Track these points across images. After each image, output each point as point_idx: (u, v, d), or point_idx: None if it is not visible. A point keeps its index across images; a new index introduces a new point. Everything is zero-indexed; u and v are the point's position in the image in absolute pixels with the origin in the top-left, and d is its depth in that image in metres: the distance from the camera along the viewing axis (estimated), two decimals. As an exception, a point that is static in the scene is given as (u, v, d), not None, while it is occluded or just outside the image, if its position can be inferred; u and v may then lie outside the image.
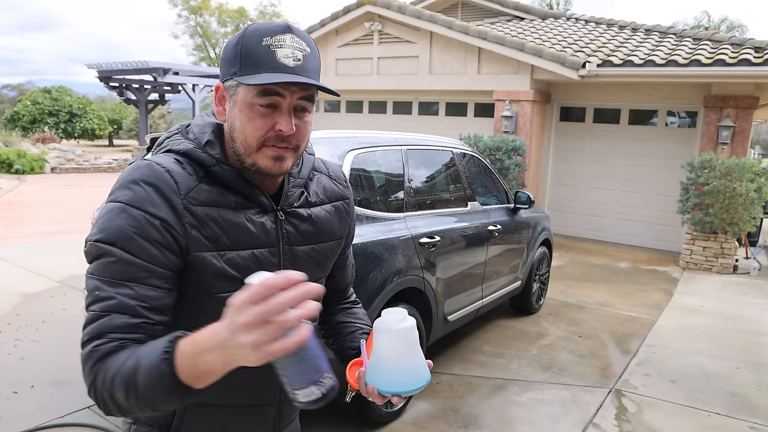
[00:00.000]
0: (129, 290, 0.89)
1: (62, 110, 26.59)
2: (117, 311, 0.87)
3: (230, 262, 0.99)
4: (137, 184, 0.93)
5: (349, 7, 9.89)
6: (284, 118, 0.95)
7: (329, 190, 1.18)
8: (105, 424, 3.04)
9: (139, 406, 0.82)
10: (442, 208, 3.84)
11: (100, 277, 0.90)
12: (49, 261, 6.31)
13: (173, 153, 1.01)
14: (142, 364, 0.80)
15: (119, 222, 0.90)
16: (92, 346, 0.86)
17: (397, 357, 0.98)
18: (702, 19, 21.69)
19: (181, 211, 0.94)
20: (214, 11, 38.55)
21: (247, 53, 0.94)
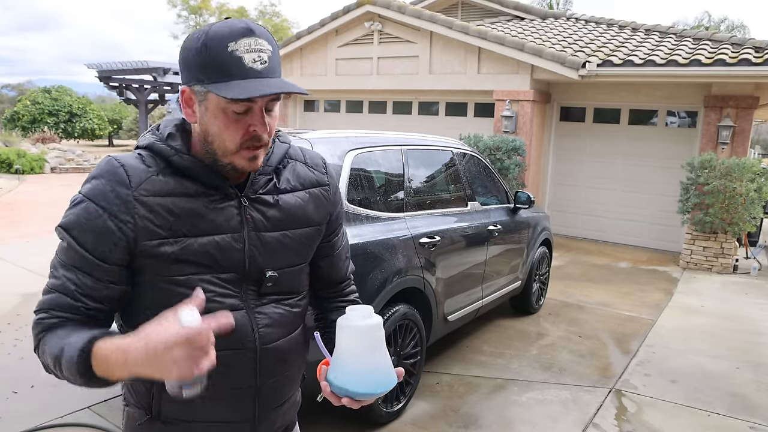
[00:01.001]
0: (73, 276, 1.01)
1: (62, 110, 26.59)
2: (61, 292, 1.00)
3: (187, 249, 1.02)
4: (95, 178, 1.02)
5: (349, 7, 9.89)
6: (259, 120, 1.00)
7: (303, 176, 1.19)
8: (105, 424, 3.04)
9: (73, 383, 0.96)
10: (442, 208, 3.84)
11: (58, 258, 1.03)
12: (49, 261, 6.30)
13: (138, 148, 1.08)
14: (65, 353, 0.93)
15: (77, 213, 1.01)
16: (38, 317, 1.01)
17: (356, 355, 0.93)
18: (702, 19, 21.69)
19: (131, 201, 0.99)
20: (214, 11, 38.56)
21: (213, 61, 0.95)
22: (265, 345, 1.12)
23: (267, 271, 1.10)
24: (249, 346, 1.10)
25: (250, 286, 1.10)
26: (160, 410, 1.11)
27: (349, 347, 0.94)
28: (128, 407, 1.16)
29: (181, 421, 1.12)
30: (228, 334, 0.89)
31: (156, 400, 1.10)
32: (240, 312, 1.08)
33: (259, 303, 1.11)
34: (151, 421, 1.11)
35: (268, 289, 1.12)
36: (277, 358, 1.14)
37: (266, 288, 1.12)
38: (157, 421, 1.11)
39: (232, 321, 0.88)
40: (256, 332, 1.10)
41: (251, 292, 1.10)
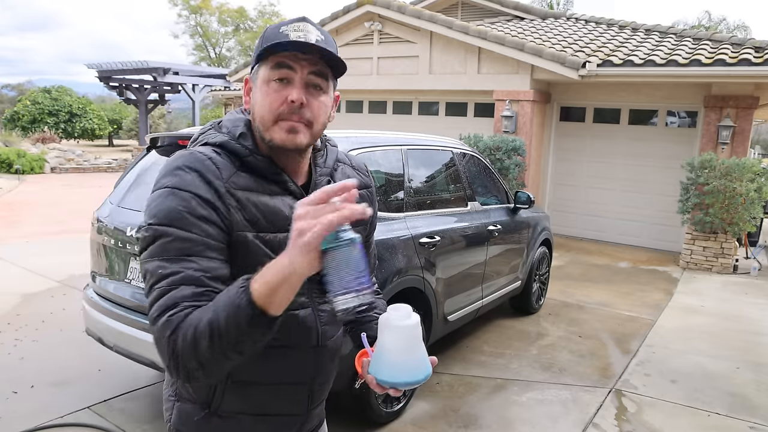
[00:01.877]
0: (191, 263, 0.95)
1: (62, 110, 26.60)
2: (184, 283, 0.93)
3: (269, 243, 1.04)
4: (182, 170, 1.00)
5: (349, 7, 9.88)
6: (295, 89, 1.02)
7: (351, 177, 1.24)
8: (105, 424, 3.04)
9: (224, 351, 0.88)
10: (442, 208, 3.84)
11: (161, 256, 0.95)
12: (49, 261, 6.31)
13: (210, 145, 1.08)
14: (221, 304, 0.87)
15: (169, 204, 0.97)
16: (167, 316, 0.91)
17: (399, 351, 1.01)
18: (702, 19, 21.69)
19: (224, 193, 1.00)
20: (215, 11, 38.55)
21: (266, 41, 1.02)
22: (324, 342, 1.17)
23: None
24: (312, 342, 1.14)
25: (315, 285, 1.11)
26: (220, 404, 1.11)
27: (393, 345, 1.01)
28: (180, 402, 1.16)
29: (238, 414, 1.13)
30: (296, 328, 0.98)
31: (218, 393, 1.11)
32: (307, 310, 1.12)
33: (322, 301, 1.14)
34: (208, 417, 1.12)
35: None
36: (329, 355, 1.19)
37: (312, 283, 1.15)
38: (214, 415, 1.12)
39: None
40: (319, 329, 1.15)
41: (316, 291, 1.13)
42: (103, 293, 3.18)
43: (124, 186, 3.32)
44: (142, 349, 2.90)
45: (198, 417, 1.13)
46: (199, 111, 20.68)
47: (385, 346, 1.02)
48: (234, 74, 11.93)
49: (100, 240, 3.21)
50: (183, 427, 1.16)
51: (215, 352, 0.88)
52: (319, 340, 1.15)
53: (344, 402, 2.98)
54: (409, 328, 1.01)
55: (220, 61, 39.61)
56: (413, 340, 1.02)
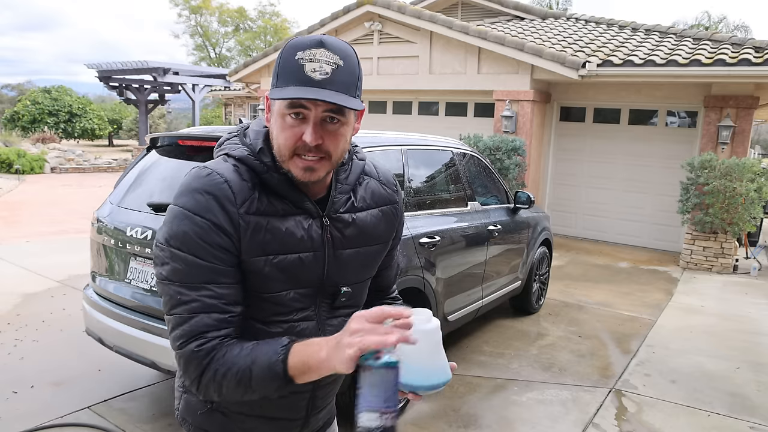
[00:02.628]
0: (208, 291, 0.99)
1: (62, 110, 26.60)
2: (203, 311, 0.99)
3: (278, 266, 1.06)
4: (199, 193, 1.01)
5: (349, 7, 9.88)
6: (309, 129, 1.00)
7: (377, 194, 1.22)
8: (105, 424, 3.04)
9: (246, 395, 0.99)
10: (442, 208, 3.84)
11: (180, 282, 1.00)
12: (49, 261, 6.31)
13: (231, 158, 1.08)
14: (258, 363, 0.95)
15: (184, 228, 1.00)
16: (194, 346, 0.98)
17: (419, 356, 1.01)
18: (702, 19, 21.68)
19: (236, 220, 1.02)
20: (215, 11, 38.53)
21: (283, 68, 1.01)
22: None
23: (342, 287, 1.15)
24: None
25: (324, 300, 1.14)
26: (221, 402, 1.15)
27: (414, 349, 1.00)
28: (187, 395, 1.21)
29: (239, 414, 1.17)
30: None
31: None
32: (311, 323, 1.13)
33: (330, 315, 1.16)
34: (211, 412, 1.17)
35: (342, 303, 1.17)
36: None
37: (340, 302, 1.16)
38: (217, 411, 1.17)
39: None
40: None
41: (324, 305, 1.15)
42: (103, 293, 3.18)
43: (124, 186, 3.31)
44: (142, 349, 2.90)
45: (201, 411, 1.18)
46: (199, 111, 20.67)
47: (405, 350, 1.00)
48: (234, 74, 11.93)
49: (100, 240, 3.21)
50: (189, 417, 1.22)
51: (238, 392, 0.99)
52: None
53: (344, 402, 2.98)
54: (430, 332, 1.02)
55: (220, 61, 39.61)
56: (434, 344, 1.03)
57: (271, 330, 1.08)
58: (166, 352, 2.76)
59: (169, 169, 3.13)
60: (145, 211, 3.00)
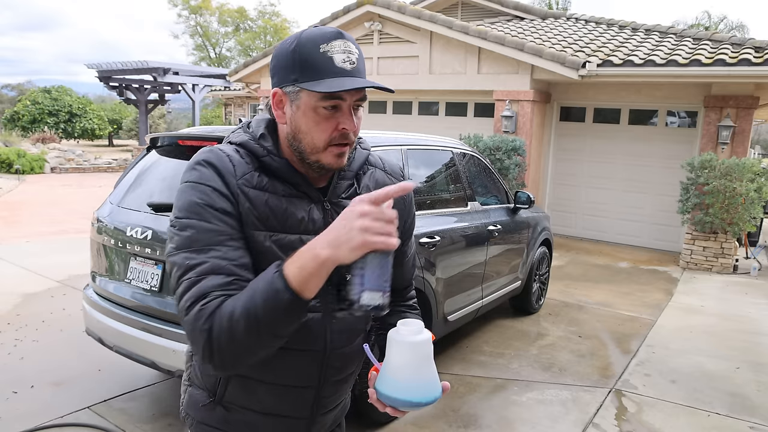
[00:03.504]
0: (217, 252, 0.98)
1: (62, 110, 26.60)
2: (212, 272, 0.96)
3: (278, 243, 1.05)
4: (201, 164, 1.04)
5: (349, 7, 9.88)
6: (347, 118, 1.04)
7: (382, 183, 1.22)
8: (105, 424, 3.04)
9: (260, 335, 0.91)
10: (442, 208, 3.84)
11: (187, 248, 0.98)
12: (49, 261, 6.31)
13: (233, 144, 1.11)
14: (258, 290, 0.90)
15: (190, 198, 1.02)
16: (199, 305, 0.93)
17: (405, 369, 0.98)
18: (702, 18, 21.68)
19: (236, 190, 1.03)
20: (215, 11, 38.54)
21: (306, 61, 1.02)
22: (334, 349, 1.15)
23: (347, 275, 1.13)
24: (318, 348, 1.13)
25: (331, 289, 1.11)
26: (223, 395, 1.14)
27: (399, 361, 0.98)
28: (191, 387, 1.21)
29: (241, 408, 1.15)
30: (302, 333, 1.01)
31: (222, 384, 1.14)
32: (316, 315, 1.11)
33: (337, 308, 1.13)
34: (212, 405, 1.16)
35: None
36: (340, 363, 1.18)
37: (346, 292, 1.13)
38: (218, 405, 1.15)
39: (411, 185, 0.94)
40: (329, 335, 1.13)
41: (331, 296, 1.12)
42: (103, 293, 3.18)
43: (124, 186, 3.31)
44: (142, 349, 2.90)
45: (204, 404, 1.17)
46: (199, 111, 20.67)
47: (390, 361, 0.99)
48: (234, 74, 11.93)
49: (100, 240, 3.21)
50: (191, 412, 1.21)
51: (251, 336, 0.91)
52: (327, 346, 1.14)
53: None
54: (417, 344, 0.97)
55: (220, 61, 39.61)
56: (421, 357, 0.98)
57: None
58: (166, 352, 2.76)
59: (169, 169, 3.13)
60: (145, 211, 3.00)
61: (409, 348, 0.97)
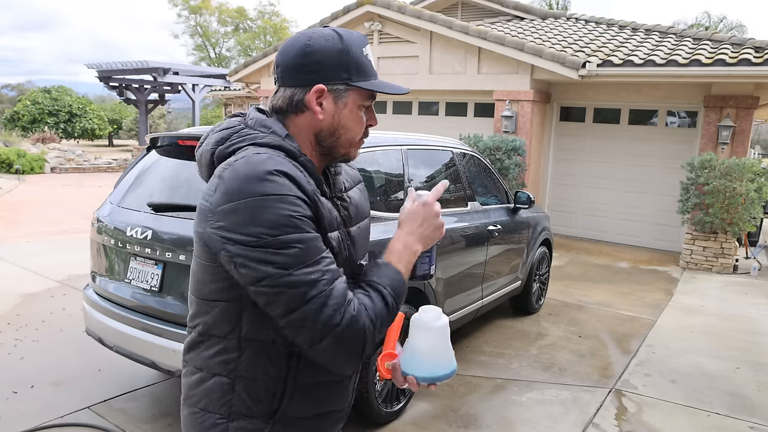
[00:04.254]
0: (326, 258, 1.01)
1: (62, 110, 26.60)
2: (335, 278, 1.00)
3: (330, 243, 1.08)
4: (275, 174, 0.97)
5: (349, 7, 9.88)
6: (373, 115, 1.16)
7: (351, 174, 1.30)
8: (105, 424, 3.04)
9: (389, 321, 1.09)
10: (442, 207, 3.81)
11: (301, 265, 0.96)
12: (49, 261, 6.31)
13: (265, 147, 1.05)
14: (389, 292, 1.08)
15: (281, 212, 0.95)
16: (350, 313, 0.98)
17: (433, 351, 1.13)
18: (702, 19, 21.68)
19: (312, 195, 1.03)
20: (214, 11, 38.54)
21: (356, 62, 1.09)
22: None
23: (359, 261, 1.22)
24: None
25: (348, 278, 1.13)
26: (285, 412, 1.09)
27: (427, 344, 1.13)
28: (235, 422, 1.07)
29: (300, 419, 1.11)
30: None
31: (286, 400, 1.08)
32: None
33: None
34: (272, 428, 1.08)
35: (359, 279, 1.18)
36: None
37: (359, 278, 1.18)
38: (277, 424, 1.09)
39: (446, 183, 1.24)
40: None
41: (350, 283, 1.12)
42: (103, 293, 3.18)
43: (124, 186, 3.31)
44: (142, 349, 2.90)
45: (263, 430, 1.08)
46: (199, 111, 20.67)
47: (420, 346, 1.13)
48: (234, 74, 11.93)
49: (100, 240, 3.21)
50: None
51: (388, 321, 1.08)
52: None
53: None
54: (441, 328, 1.13)
55: (220, 61, 39.61)
56: (444, 339, 1.14)
57: None
58: (166, 352, 2.76)
59: (169, 169, 3.13)
60: (145, 211, 3.00)
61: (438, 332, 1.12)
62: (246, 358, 1.07)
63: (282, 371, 1.07)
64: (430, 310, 1.14)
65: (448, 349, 1.14)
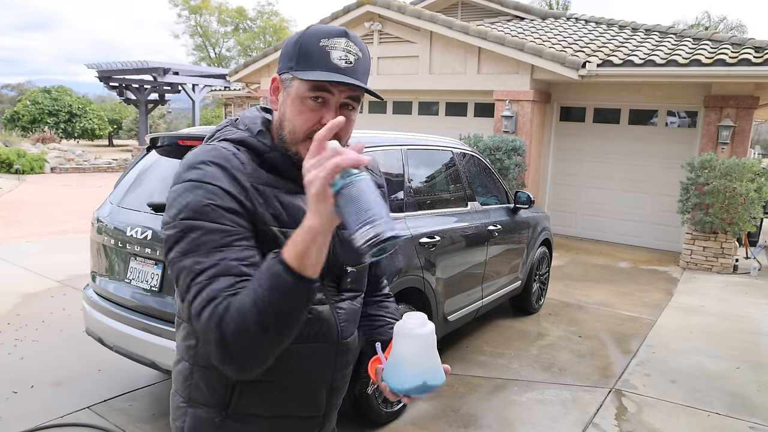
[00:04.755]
0: (227, 254, 0.94)
1: (62, 110, 26.61)
2: (222, 274, 0.92)
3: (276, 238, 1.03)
4: (206, 164, 1.00)
5: (349, 7, 9.88)
6: (331, 113, 1.03)
7: None
8: (105, 424, 3.04)
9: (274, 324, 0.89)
10: (442, 208, 3.84)
11: (195, 252, 0.94)
12: (49, 261, 6.31)
13: (229, 141, 1.08)
14: (262, 279, 0.89)
15: (196, 198, 0.97)
16: (211, 307, 0.90)
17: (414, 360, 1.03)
18: (702, 19, 21.68)
19: (249, 188, 1.01)
20: (214, 11, 38.55)
21: (305, 51, 1.03)
22: (343, 339, 1.16)
23: (347, 267, 1.15)
24: (332, 339, 1.14)
25: (329, 283, 1.13)
26: (237, 406, 1.09)
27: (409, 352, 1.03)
28: (193, 408, 1.12)
29: (257, 417, 1.10)
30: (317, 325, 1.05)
31: (236, 394, 1.08)
32: (325, 306, 1.12)
33: (338, 299, 1.15)
34: (223, 420, 1.09)
35: (347, 285, 1.16)
36: (348, 353, 1.19)
37: (345, 284, 1.16)
38: (229, 419, 1.09)
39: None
40: (339, 325, 1.15)
41: (331, 288, 1.13)
42: (103, 293, 3.18)
43: (124, 186, 3.32)
44: (142, 349, 2.90)
45: (214, 420, 1.10)
46: (199, 111, 20.67)
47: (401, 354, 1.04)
48: (234, 74, 11.93)
49: (100, 240, 3.21)
50: None
51: (264, 328, 0.88)
52: (339, 335, 1.15)
53: (344, 402, 2.98)
54: (424, 336, 1.03)
55: (220, 61, 39.61)
56: (428, 348, 1.03)
57: None
58: (166, 352, 2.76)
59: (169, 169, 3.13)
60: (145, 211, 3.00)
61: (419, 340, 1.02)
62: (202, 347, 1.09)
63: None
64: (415, 316, 1.04)
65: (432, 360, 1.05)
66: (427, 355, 1.03)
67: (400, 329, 1.04)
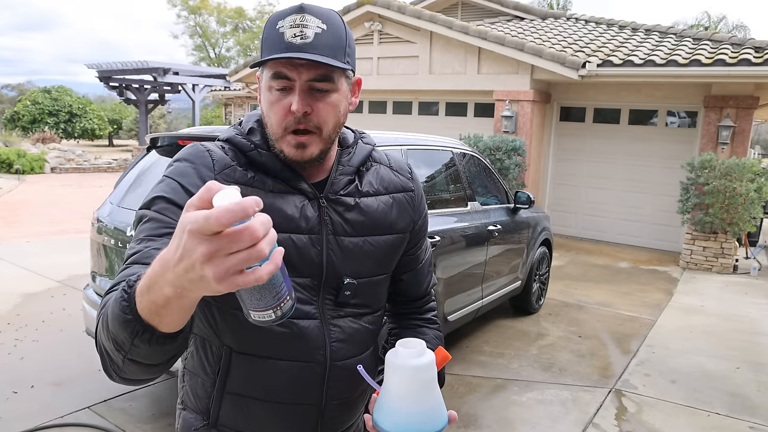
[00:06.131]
0: (155, 242, 0.87)
1: (62, 110, 26.61)
2: (137, 262, 0.84)
3: None
4: (179, 161, 1.00)
5: (349, 7, 9.88)
6: (294, 98, 0.94)
7: (387, 180, 1.13)
8: (105, 424, 3.04)
9: (112, 340, 0.73)
10: (442, 208, 3.84)
11: (135, 239, 0.91)
12: (49, 261, 6.31)
13: (219, 141, 1.07)
14: (110, 306, 0.72)
15: (155, 191, 0.96)
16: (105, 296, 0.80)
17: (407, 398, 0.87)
18: (702, 19, 21.68)
19: None
20: (213, 11, 38.53)
21: (265, 38, 0.97)
22: (336, 361, 1.04)
23: (345, 278, 1.04)
24: (319, 360, 1.03)
25: (327, 295, 1.04)
26: (218, 417, 1.05)
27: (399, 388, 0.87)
28: (185, 411, 1.11)
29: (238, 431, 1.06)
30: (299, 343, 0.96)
31: (215, 404, 1.05)
32: (314, 322, 1.02)
33: (335, 315, 1.05)
34: (207, 428, 1.07)
35: (346, 298, 1.05)
36: (345, 377, 1.06)
37: (344, 297, 1.05)
38: (213, 428, 1.07)
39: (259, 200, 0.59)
40: (328, 346, 1.03)
41: (328, 302, 1.04)
42: (104, 293, 3.18)
43: (124, 186, 3.32)
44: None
45: (197, 427, 1.07)
46: (199, 111, 20.66)
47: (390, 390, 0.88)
48: (234, 74, 11.93)
49: (100, 240, 3.21)
50: None
51: (116, 355, 0.74)
52: (328, 358, 1.03)
53: None
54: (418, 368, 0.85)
55: (220, 61, 39.61)
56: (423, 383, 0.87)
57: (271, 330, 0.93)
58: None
59: (169, 169, 3.12)
60: (145, 211, 2.99)
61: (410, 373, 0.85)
62: (191, 352, 1.08)
63: (215, 374, 1.04)
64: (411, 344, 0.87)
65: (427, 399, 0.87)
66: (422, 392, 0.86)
67: (392, 359, 0.87)
